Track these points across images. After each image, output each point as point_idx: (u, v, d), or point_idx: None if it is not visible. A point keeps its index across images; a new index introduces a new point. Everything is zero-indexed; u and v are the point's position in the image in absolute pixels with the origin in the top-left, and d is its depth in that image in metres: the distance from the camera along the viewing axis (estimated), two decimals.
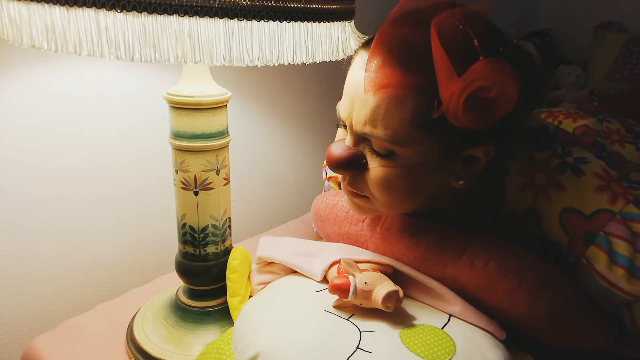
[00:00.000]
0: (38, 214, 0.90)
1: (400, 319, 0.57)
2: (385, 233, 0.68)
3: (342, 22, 0.62)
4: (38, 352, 0.75)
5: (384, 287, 0.56)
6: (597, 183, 0.61)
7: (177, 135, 0.69)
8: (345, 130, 0.62)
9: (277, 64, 0.55)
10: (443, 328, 0.56)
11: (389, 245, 0.67)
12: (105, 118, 0.94)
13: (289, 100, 1.31)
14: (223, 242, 0.76)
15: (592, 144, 0.84)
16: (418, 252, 0.64)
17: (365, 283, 0.57)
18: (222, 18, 0.50)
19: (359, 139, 0.60)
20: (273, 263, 0.72)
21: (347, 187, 0.64)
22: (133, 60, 0.50)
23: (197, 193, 0.71)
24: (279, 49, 0.54)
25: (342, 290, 0.56)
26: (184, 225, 0.74)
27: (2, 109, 0.82)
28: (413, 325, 0.56)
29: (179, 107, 0.67)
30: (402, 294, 0.57)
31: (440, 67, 0.50)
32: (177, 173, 0.71)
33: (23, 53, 0.82)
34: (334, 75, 0.64)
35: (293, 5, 0.53)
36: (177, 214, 0.74)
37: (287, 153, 1.35)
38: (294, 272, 0.69)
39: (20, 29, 0.52)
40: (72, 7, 0.48)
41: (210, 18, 0.49)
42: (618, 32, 2.00)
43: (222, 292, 0.75)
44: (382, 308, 0.56)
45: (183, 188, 0.71)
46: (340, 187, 0.86)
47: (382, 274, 0.60)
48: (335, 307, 0.59)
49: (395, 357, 0.51)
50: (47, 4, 0.49)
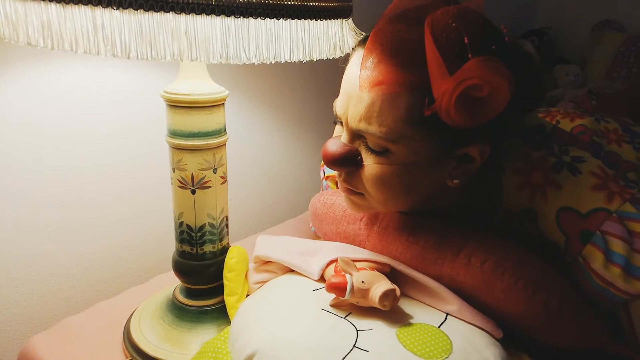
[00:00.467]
0: (34, 213, 0.89)
1: (397, 318, 0.57)
2: (383, 232, 0.68)
3: (339, 19, 0.62)
4: (35, 351, 0.75)
5: (381, 285, 0.56)
6: (593, 182, 0.61)
7: (174, 134, 0.69)
8: (342, 127, 0.62)
9: (274, 62, 0.55)
10: (440, 327, 0.56)
11: (386, 244, 0.67)
12: (102, 116, 0.94)
13: (287, 99, 1.31)
14: (220, 240, 0.76)
15: (589, 144, 0.84)
16: (415, 250, 0.64)
17: (363, 282, 0.57)
18: (218, 15, 0.50)
19: (355, 136, 0.60)
20: (270, 262, 0.72)
21: (342, 183, 0.64)
22: (129, 58, 0.49)
23: (194, 192, 0.71)
24: (276, 47, 0.54)
25: (339, 289, 0.57)
26: (181, 224, 0.73)
27: None
28: (410, 324, 0.56)
29: (176, 105, 0.67)
30: (399, 293, 0.57)
31: (433, 65, 0.50)
32: (174, 172, 0.71)
33: (19, 51, 0.82)
34: (332, 74, 0.64)
35: (290, 3, 0.53)
36: (174, 213, 0.74)
37: (284, 152, 1.35)
38: (292, 271, 0.69)
39: (17, 27, 0.52)
40: (68, 4, 0.48)
41: (207, 15, 0.49)
42: (616, 31, 2.00)
43: (219, 291, 0.75)
44: (379, 307, 0.56)
45: (180, 187, 0.71)
46: (338, 186, 0.86)
47: (379, 273, 0.60)
48: (332, 305, 0.59)
49: (392, 355, 0.51)
50: (43, 2, 0.49)
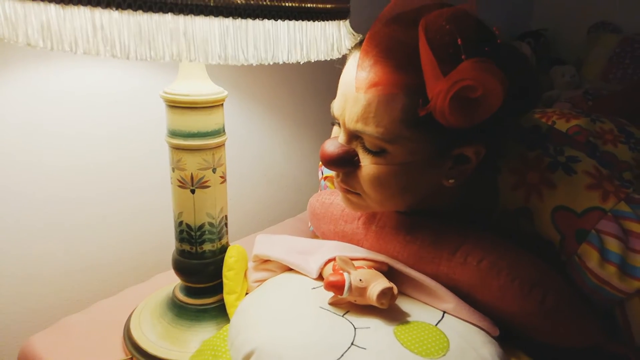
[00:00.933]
0: (34, 212, 0.90)
1: (395, 316, 0.58)
2: (380, 231, 0.69)
3: (337, 21, 0.62)
4: (35, 350, 0.75)
5: (379, 284, 0.57)
6: (588, 181, 0.62)
7: (173, 134, 0.69)
8: (340, 128, 0.63)
9: (272, 63, 0.55)
10: (437, 325, 0.57)
11: (384, 243, 0.67)
12: (102, 117, 0.94)
13: (286, 99, 1.31)
14: (219, 240, 0.76)
15: (584, 144, 0.84)
16: (412, 249, 0.64)
17: (360, 280, 0.57)
18: (217, 17, 0.50)
19: (352, 137, 0.61)
20: (269, 261, 0.72)
21: (340, 184, 0.65)
22: (128, 59, 0.50)
23: (193, 191, 0.71)
24: (274, 48, 0.54)
25: (337, 287, 0.57)
26: (181, 223, 0.74)
27: None
28: (407, 322, 0.57)
29: (176, 105, 0.67)
30: (396, 291, 0.58)
31: (427, 66, 0.51)
32: (173, 171, 0.71)
33: (19, 52, 0.82)
34: (330, 75, 0.64)
35: (288, 5, 0.54)
36: (173, 212, 0.75)
37: (283, 152, 1.35)
38: (290, 269, 0.70)
39: (16, 27, 0.52)
40: (67, 5, 0.48)
41: (205, 17, 0.50)
42: (612, 32, 2.01)
43: (218, 289, 0.76)
44: (376, 305, 0.56)
45: (180, 186, 0.72)
46: (336, 185, 0.86)
47: (376, 271, 0.61)
48: (331, 304, 0.59)
49: (390, 353, 0.52)
50: (42, 2, 0.49)
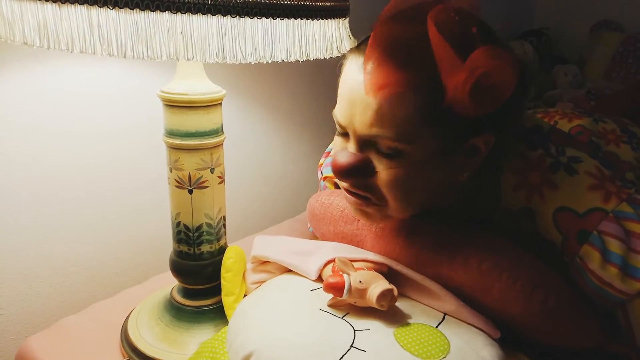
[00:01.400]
0: (32, 212, 0.89)
1: (395, 318, 0.57)
2: (380, 232, 0.68)
3: (336, 19, 0.62)
4: (32, 351, 0.74)
5: (379, 285, 0.56)
6: (590, 182, 0.61)
7: (171, 134, 0.69)
8: (344, 139, 0.61)
9: (270, 62, 0.55)
10: (437, 327, 0.56)
11: (384, 245, 0.67)
12: (99, 116, 0.94)
13: (284, 99, 1.31)
14: (218, 240, 0.76)
15: (587, 144, 0.84)
16: (413, 251, 0.64)
17: (360, 282, 0.57)
18: (214, 15, 0.50)
19: (364, 144, 0.58)
20: (268, 262, 0.72)
21: (354, 197, 0.62)
22: (125, 58, 0.49)
23: (191, 192, 0.71)
24: (272, 46, 0.54)
25: (336, 289, 0.56)
26: (179, 224, 0.73)
27: None
28: (407, 324, 0.56)
29: (173, 105, 0.67)
30: (396, 293, 0.57)
31: (443, 57, 0.51)
32: (171, 171, 0.71)
33: (16, 50, 0.82)
34: (329, 73, 0.63)
35: (286, 2, 0.53)
36: (171, 213, 0.74)
37: (282, 152, 1.35)
38: (289, 271, 0.69)
39: (13, 26, 0.52)
40: (64, 4, 0.48)
41: (203, 15, 0.49)
42: (615, 31, 2.00)
43: (216, 291, 0.75)
44: (376, 306, 0.56)
45: (177, 186, 0.71)
46: (336, 186, 0.86)
47: (376, 273, 0.60)
48: (330, 305, 0.59)
49: (390, 355, 0.51)
50: (39, 1, 0.49)
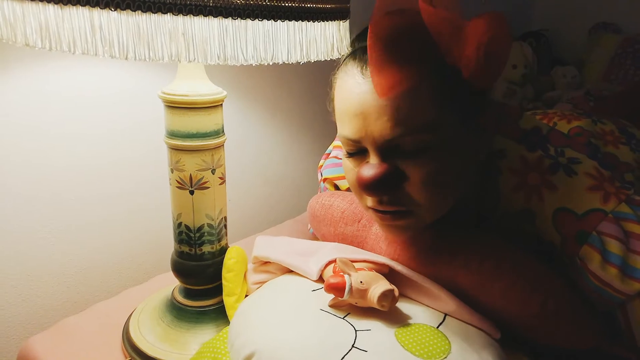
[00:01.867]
0: (33, 213, 0.89)
1: (396, 318, 0.57)
2: (381, 233, 0.68)
3: (337, 21, 0.62)
4: (34, 352, 0.75)
5: (380, 286, 0.56)
6: (589, 183, 0.62)
7: (172, 135, 0.69)
8: (356, 160, 0.60)
9: (271, 63, 0.55)
10: (438, 327, 0.57)
11: (385, 246, 0.67)
12: (100, 117, 0.94)
13: (285, 100, 1.31)
14: (219, 241, 0.76)
15: (586, 145, 0.84)
16: (413, 252, 0.64)
17: (361, 282, 0.57)
18: (216, 17, 0.50)
19: (386, 152, 0.56)
20: (269, 262, 0.72)
21: (383, 212, 0.59)
22: (127, 59, 0.50)
23: (192, 192, 0.71)
24: (274, 48, 0.54)
25: (337, 289, 0.56)
26: (180, 225, 0.73)
27: None
28: (408, 324, 0.56)
29: (174, 106, 0.67)
30: (397, 293, 0.57)
31: (446, 32, 0.51)
32: (172, 172, 0.71)
33: (17, 52, 0.82)
34: (330, 75, 0.63)
35: (287, 5, 0.53)
36: (172, 213, 0.74)
37: (283, 153, 1.35)
38: (290, 271, 0.69)
39: (14, 28, 0.52)
40: (66, 5, 0.48)
41: (205, 17, 0.49)
42: (613, 33, 2.00)
43: (218, 291, 0.75)
44: (377, 307, 0.56)
45: (179, 187, 0.71)
46: (336, 188, 0.86)
47: (377, 274, 0.60)
48: (331, 306, 0.59)
49: (391, 355, 0.51)
50: (41, 3, 0.49)
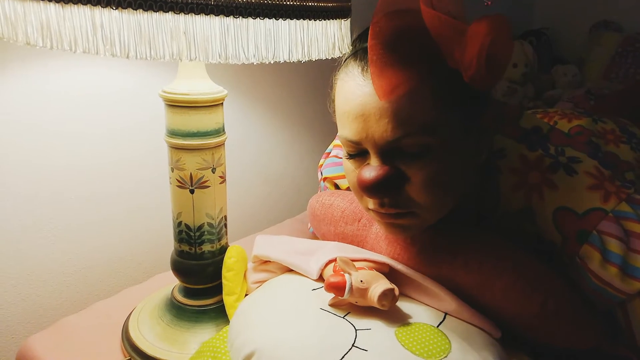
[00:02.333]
0: (33, 212, 0.89)
1: (396, 317, 0.57)
2: (381, 233, 0.68)
3: (338, 20, 0.62)
4: (33, 351, 0.74)
5: (380, 285, 0.56)
6: (589, 182, 0.62)
7: (172, 133, 0.69)
8: (356, 161, 0.60)
9: (273, 62, 0.55)
10: (438, 326, 0.57)
11: (385, 245, 0.67)
12: (101, 116, 0.94)
13: (286, 99, 1.31)
14: (219, 240, 0.76)
15: (586, 144, 0.84)
16: (413, 252, 0.64)
17: (361, 281, 0.57)
18: (217, 15, 0.50)
19: (387, 154, 0.56)
20: (269, 261, 0.72)
21: (386, 213, 0.59)
22: (128, 58, 0.49)
23: (192, 191, 0.71)
24: (275, 47, 0.54)
25: (337, 289, 0.57)
26: (180, 224, 0.73)
27: None
28: (409, 324, 0.56)
29: (175, 105, 0.67)
30: (397, 293, 0.57)
31: (448, 35, 0.51)
32: (172, 171, 0.71)
33: (19, 51, 0.82)
34: (331, 74, 0.63)
35: (289, 3, 0.53)
36: (172, 212, 0.74)
37: (283, 151, 1.35)
38: (290, 270, 0.69)
39: (15, 27, 0.52)
40: (67, 4, 0.48)
41: (206, 15, 0.49)
42: (614, 31, 2.00)
43: (218, 290, 0.75)
44: (377, 306, 0.56)
45: (179, 186, 0.71)
46: (336, 187, 0.86)
47: (378, 273, 0.60)
48: (331, 305, 0.59)
49: (391, 354, 0.51)
50: (42, 1, 0.49)
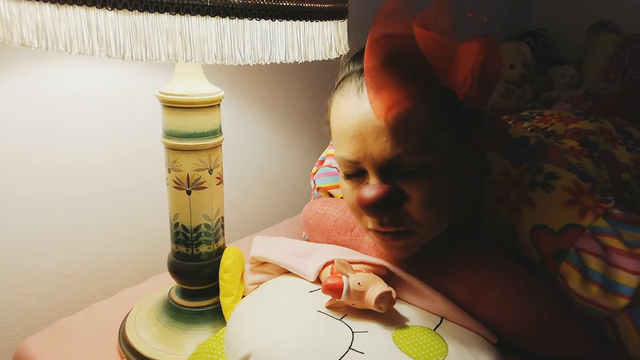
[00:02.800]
0: (29, 213, 0.89)
1: (393, 320, 0.57)
2: (373, 244, 0.68)
3: (334, 21, 0.62)
4: (30, 352, 0.74)
5: (377, 287, 0.56)
6: (566, 197, 0.61)
7: (169, 134, 0.68)
8: (353, 182, 0.60)
9: (269, 63, 0.55)
10: (435, 329, 0.56)
11: (376, 256, 0.67)
12: (97, 117, 0.94)
13: (283, 100, 1.31)
14: (216, 241, 0.76)
15: (584, 142, 0.84)
16: (405, 265, 0.63)
17: (359, 283, 0.57)
18: (213, 16, 0.50)
19: (385, 172, 0.56)
20: (267, 263, 0.71)
21: (385, 233, 0.59)
22: (124, 59, 0.49)
23: (189, 192, 0.71)
24: (271, 48, 0.54)
25: (335, 291, 0.56)
26: (177, 225, 0.73)
27: None
28: (405, 326, 0.56)
29: (172, 106, 0.67)
30: (395, 295, 0.57)
31: (441, 55, 0.52)
32: (169, 172, 0.71)
33: (14, 52, 0.81)
34: (328, 75, 0.63)
35: (285, 4, 0.53)
36: (169, 214, 0.74)
37: (280, 152, 1.35)
38: (288, 272, 0.69)
39: (11, 27, 0.52)
40: (62, 5, 0.48)
41: (202, 16, 0.49)
42: (612, 32, 2.00)
43: (215, 291, 0.75)
44: (374, 309, 0.56)
45: (176, 187, 0.71)
46: (330, 195, 0.85)
47: (375, 275, 0.60)
48: (328, 307, 0.59)
49: (388, 357, 0.51)
50: (37, 2, 0.49)
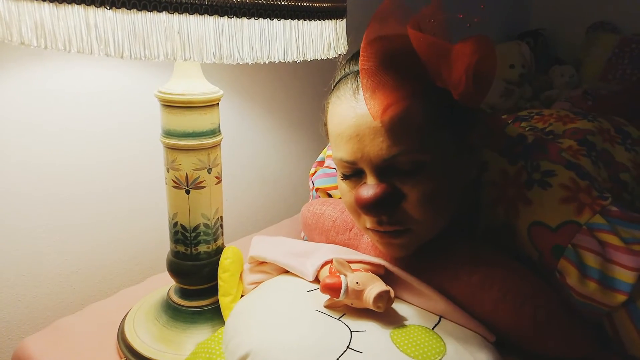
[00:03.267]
0: (28, 213, 0.89)
1: (391, 319, 0.57)
2: (372, 243, 0.68)
3: (333, 20, 0.62)
4: (29, 352, 0.74)
5: (376, 287, 0.56)
6: (563, 194, 0.61)
7: (168, 134, 0.68)
8: (351, 182, 0.60)
9: (267, 62, 0.55)
10: (434, 329, 0.56)
11: (376, 255, 0.67)
12: (96, 116, 0.94)
13: (282, 99, 1.31)
14: (215, 241, 0.76)
15: (582, 141, 0.84)
16: (403, 263, 0.63)
17: (357, 283, 0.57)
18: (212, 15, 0.50)
19: (383, 172, 0.57)
20: (265, 263, 0.71)
21: (383, 232, 0.60)
22: (122, 58, 0.49)
23: (188, 192, 0.71)
24: (270, 47, 0.54)
25: (333, 290, 0.56)
26: (176, 224, 0.73)
27: None
28: (404, 326, 0.56)
29: (171, 105, 0.67)
30: (393, 295, 0.57)
31: (435, 56, 0.52)
32: (168, 172, 0.71)
33: (13, 51, 0.81)
34: (327, 74, 0.63)
35: (283, 3, 0.53)
36: (168, 213, 0.74)
37: (279, 152, 1.35)
38: (286, 271, 0.69)
39: (10, 26, 0.52)
40: (61, 4, 0.48)
41: (200, 15, 0.49)
42: (611, 32, 2.01)
43: (213, 291, 0.75)
44: (373, 308, 0.56)
45: (174, 187, 0.71)
46: (328, 196, 0.85)
47: (373, 275, 0.60)
48: (327, 306, 0.59)
49: (386, 356, 0.51)
50: (36, 1, 0.49)
